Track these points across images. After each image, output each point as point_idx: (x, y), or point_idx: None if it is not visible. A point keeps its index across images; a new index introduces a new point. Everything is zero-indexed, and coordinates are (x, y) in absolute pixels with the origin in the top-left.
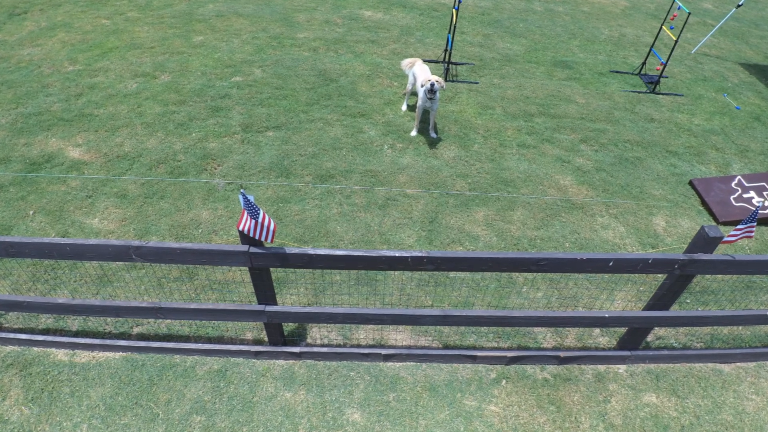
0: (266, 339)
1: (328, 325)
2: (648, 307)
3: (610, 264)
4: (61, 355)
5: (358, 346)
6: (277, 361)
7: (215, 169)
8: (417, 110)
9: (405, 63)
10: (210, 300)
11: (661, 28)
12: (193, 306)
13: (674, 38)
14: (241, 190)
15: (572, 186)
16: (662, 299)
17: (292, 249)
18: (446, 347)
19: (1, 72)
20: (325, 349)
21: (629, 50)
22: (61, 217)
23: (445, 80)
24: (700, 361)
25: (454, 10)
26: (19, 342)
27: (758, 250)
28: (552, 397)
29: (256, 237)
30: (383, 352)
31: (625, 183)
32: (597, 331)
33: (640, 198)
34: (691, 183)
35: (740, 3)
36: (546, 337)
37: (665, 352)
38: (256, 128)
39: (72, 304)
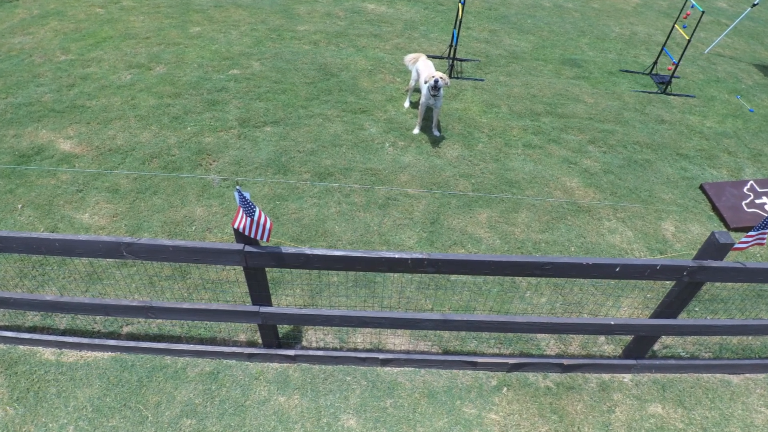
0: (260, 341)
1: (325, 328)
2: (655, 315)
3: (617, 269)
4: (47, 354)
5: (355, 350)
6: (271, 364)
7: (210, 164)
8: (420, 107)
9: (408, 58)
10: (203, 300)
11: (673, 26)
12: (185, 306)
13: (687, 37)
14: (237, 187)
15: (579, 188)
16: (670, 307)
17: (289, 249)
18: (446, 353)
19: None
20: (320, 353)
21: (640, 49)
22: (50, 211)
23: (450, 77)
24: (708, 372)
25: (460, 4)
26: (5, 340)
27: None
28: (554, 406)
29: (252, 235)
30: (381, 356)
31: (633, 186)
32: (602, 338)
33: (648, 202)
34: (701, 187)
35: (756, 2)
36: (549, 344)
37: (672, 361)
38: (253, 123)
39: (60, 301)
